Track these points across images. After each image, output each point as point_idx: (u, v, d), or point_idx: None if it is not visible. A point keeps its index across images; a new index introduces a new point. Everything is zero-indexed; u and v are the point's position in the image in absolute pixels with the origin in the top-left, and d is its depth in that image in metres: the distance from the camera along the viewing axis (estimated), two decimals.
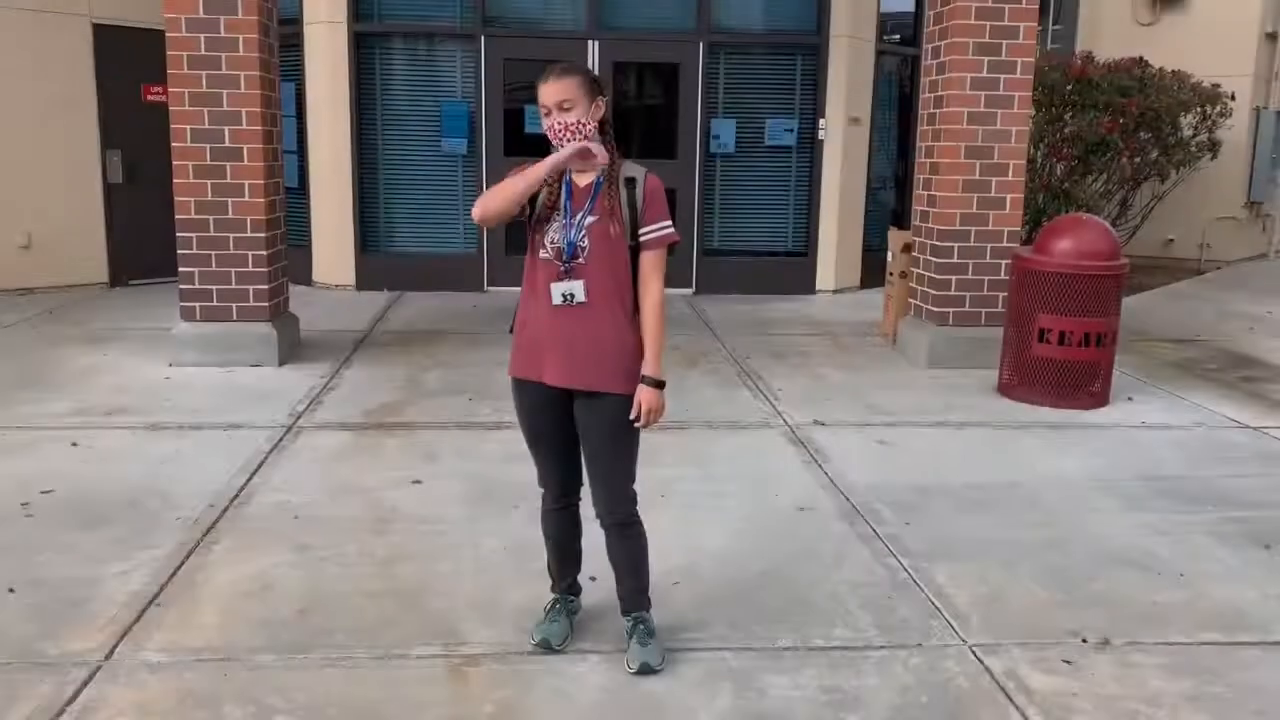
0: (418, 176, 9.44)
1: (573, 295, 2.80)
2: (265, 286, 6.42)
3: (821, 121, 9.45)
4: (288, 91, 9.08)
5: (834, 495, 4.41)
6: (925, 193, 6.95)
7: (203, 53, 6.14)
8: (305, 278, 9.33)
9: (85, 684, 2.84)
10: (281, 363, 6.45)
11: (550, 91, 2.78)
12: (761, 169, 9.65)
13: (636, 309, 2.85)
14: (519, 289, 2.98)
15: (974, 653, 3.13)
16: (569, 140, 2.74)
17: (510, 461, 4.75)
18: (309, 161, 9.32)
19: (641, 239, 2.82)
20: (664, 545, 3.82)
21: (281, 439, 5.02)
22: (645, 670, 2.95)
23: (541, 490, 3.09)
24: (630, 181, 2.83)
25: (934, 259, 6.76)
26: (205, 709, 2.74)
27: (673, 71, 9.37)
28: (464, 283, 9.38)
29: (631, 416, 2.82)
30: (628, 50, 9.30)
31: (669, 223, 2.84)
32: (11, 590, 3.38)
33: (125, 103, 9.09)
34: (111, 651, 3.01)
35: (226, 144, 6.25)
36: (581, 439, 2.92)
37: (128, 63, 9.06)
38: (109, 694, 2.80)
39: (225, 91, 6.20)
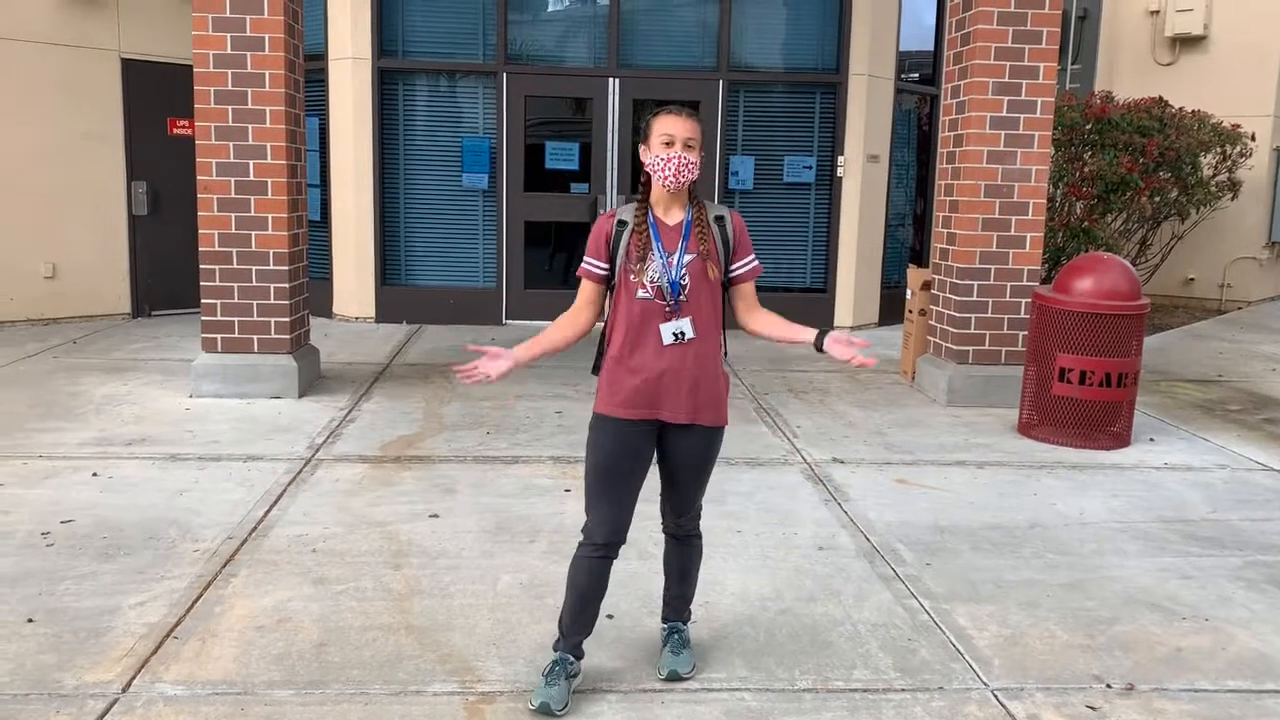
0: (438, 211, 9.51)
1: (683, 333, 2.90)
2: (287, 319, 6.47)
3: (840, 159, 9.49)
4: (311, 126, 9.20)
5: (853, 534, 4.38)
6: (945, 230, 6.96)
7: (229, 88, 6.23)
8: (325, 310, 9.40)
9: (102, 716, 2.83)
10: (301, 395, 6.48)
11: (683, 126, 2.89)
12: (780, 206, 9.68)
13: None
14: (537, 322, 3.03)
15: (996, 697, 3.08)
16: (684, 176, 2.87)
17: (528, 496, 4.75)
18: (331, 195, 9.41)
19: (734, 273, 3.00)
20: None
21: (300, 471, 5.03)
22: (674, 678, 3.08)
23: (582, 537, 3.02)
24: (720, 220, 2.98)
25: (953, 296, 6.75)
26: None
27: (692, 109, 9.40)
28: (483, 316, 9.42)
29: (851, 354, 2.93)
30: (648, 88, 9.38)
31: (754, 257, 3.03)
32: (31, 620, 3.39)
33: (151, 136, 9.23)
34: (129, 684, 3.01)
35: (251, 177, 6.33)
36: (678, 467, 3.04)
37: (155, 97, 9.20)
38: None
39: (250, 126, 6.28)
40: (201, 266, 6.42)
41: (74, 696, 2.93)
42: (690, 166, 2.87)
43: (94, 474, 4.90)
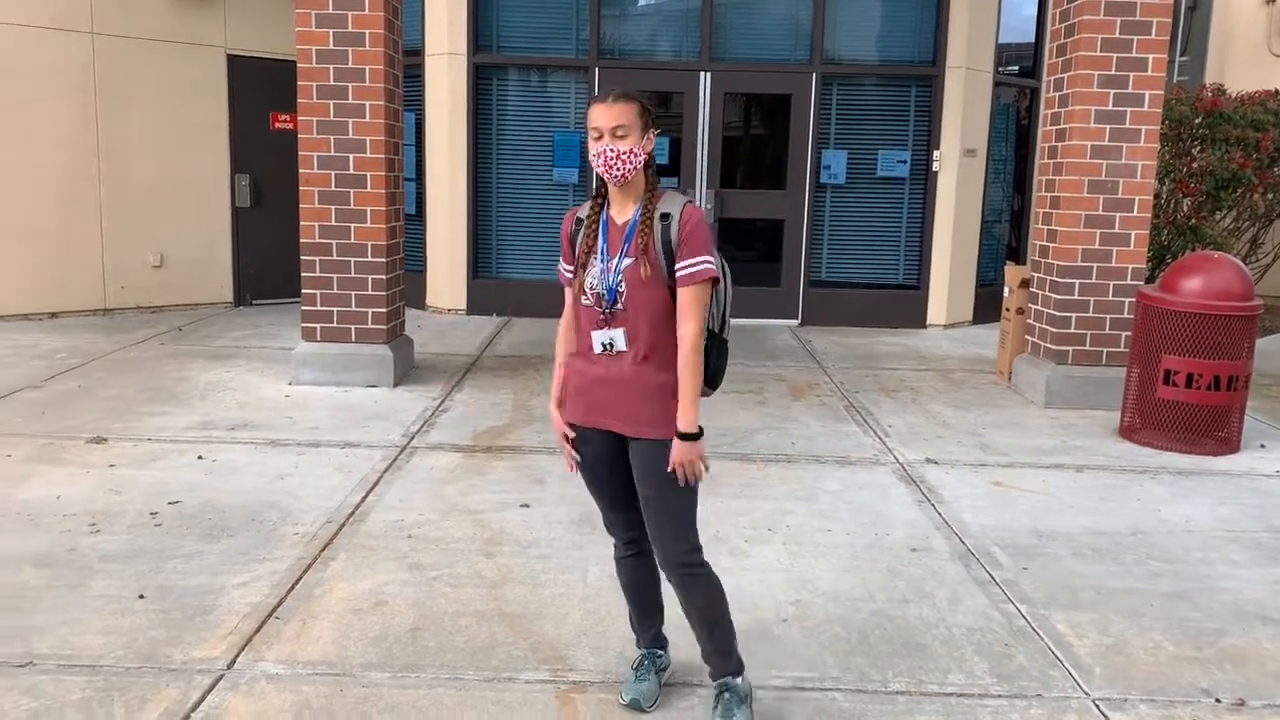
0: (529, 204, 9.61)
1: (612, 344, 2.68)
2: (383, 310, 6.61)
3: (935, 153, 9.31)
4: (408, 121, 9.37)
5: (948, 536, 4.30)
6: (1045, 227, 6.77)
7: (331, 83, 6.38)
8: (419, 301, 9.57)
9: (209, 691, 2.93)
10: (396, 384, 6.61)
11: (606, 115, 2.61)
12: (872, 200, 9.54)
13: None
14: None
15: (1098, 707, 2.99)
16: (617, 169, 2.61)
17: None
18: (426, 189, 9.58)
19: (677, 274, 2.63)
20: (771, 581, 3.79)
21: (395, 459, 5.13)
22: None
23: (611, 537, 2.99)
24: (665, 218, 2.65)
25: (1053, 295, 6.57)
26: None
27: (784, 102, 9.36)
28: None
29: (668, 470, 2.67)
30: (740, 81, 9.33)
31: (705, 258, 2.62)
32: (142, 596, 3.52)
33: (255, 130, 9.50)
34: (233, 661, 3.11)
35: (351, 171, 6.47)
36: (636, 483, 2.77)
37: (258, 92, 9.47)
38: (230, 702, 2.88)
39: (351, 120, 6.42)
40: (302, 258, 6.59)
41: (182, 671, 3.04)
42: (621, 158, 2.59)
43: (199, 457, 5.07)
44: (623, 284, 2.66)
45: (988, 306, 9.70)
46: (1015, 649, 3.33)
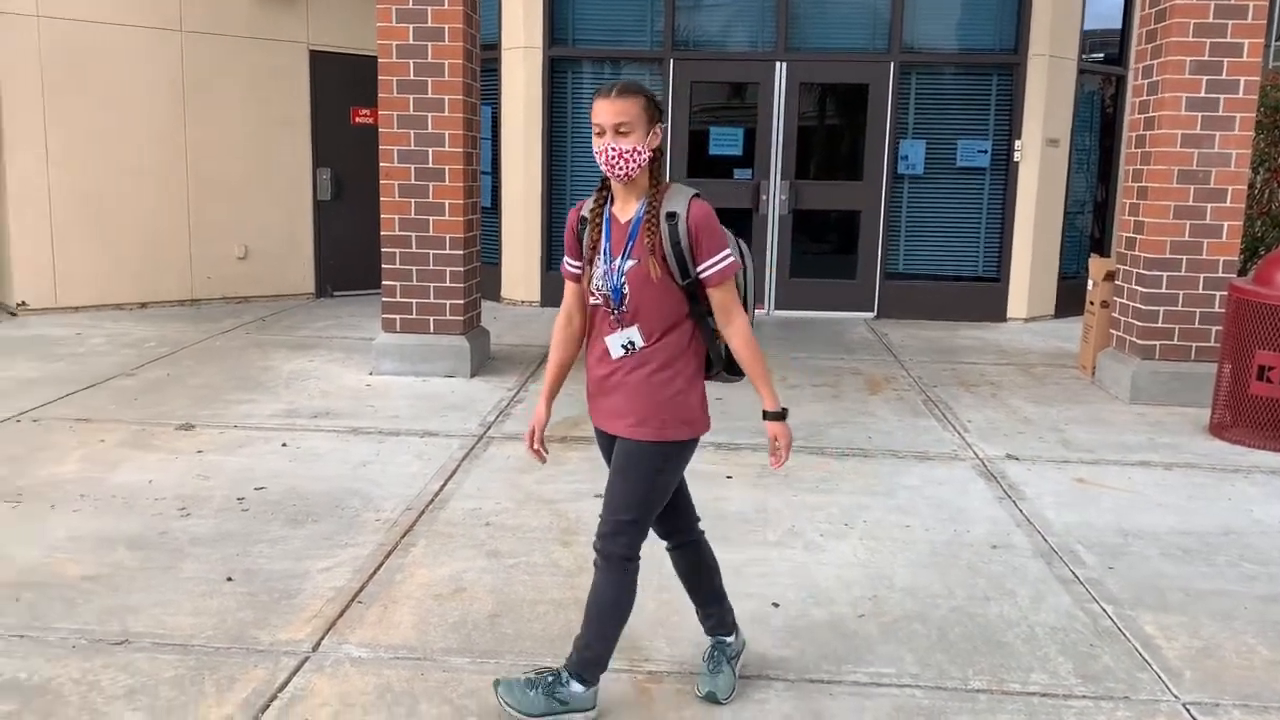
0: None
1: (633, 344, 2.64)
2: (461, 301, 6.69)
3: (1017, 143, 9.11)
4: (484, 114, 9.46)
5: (1029, 534, 4.21)
6: (1131, 218, 6.59)
7: (411, 78, 6.47)
8: (494, 293, 9.67)
9: (294, 673, 3.01)
10: (473, 374, 6.69)
11: (609, 110, 2.54)
12: (951, 191, 9.38)
13: (698, 346, 2.69)
14: None
15: (1189, 711, 2.91)
16: (620, 168, 2.55)
17: (692, 480, 4.73)
18: (501, 182, 9.67)
19: (702, 276, 2.59)
20: (848, 576, 3.76)
21: (473, 448, 5.20)
22: (711, 699, 2.86)
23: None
24: (671, 217, 2.57)
25: (1140, 288, 6.38)
26: (402, 705, 2.85)
27: (861, 92, 9.24)
28: None
29: (770, 461, 2.69)
30: (816, 71, 9.24)
31: (726, 252, 2.59)
32: (230, 579, 3.63)
33: (335, 124, 9.69)
34: (318, 644, 3.18)
35: (430, 165, 6.56)
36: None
37: (339, 87, 9.66)
38: (315, 684, 2.95)
39: (430, 115, 6.51)
40: (383, 250, 6.71)
41: (269, 652, 3.12)
42: (624, 156, 2.52)
43: (283, 444, 5.19)
44: (626, 285, 2.60)
45: (1070, 299, 9.48)
46: (1101, 650, 3.25)
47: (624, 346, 2.65)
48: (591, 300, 2.70)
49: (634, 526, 2.68)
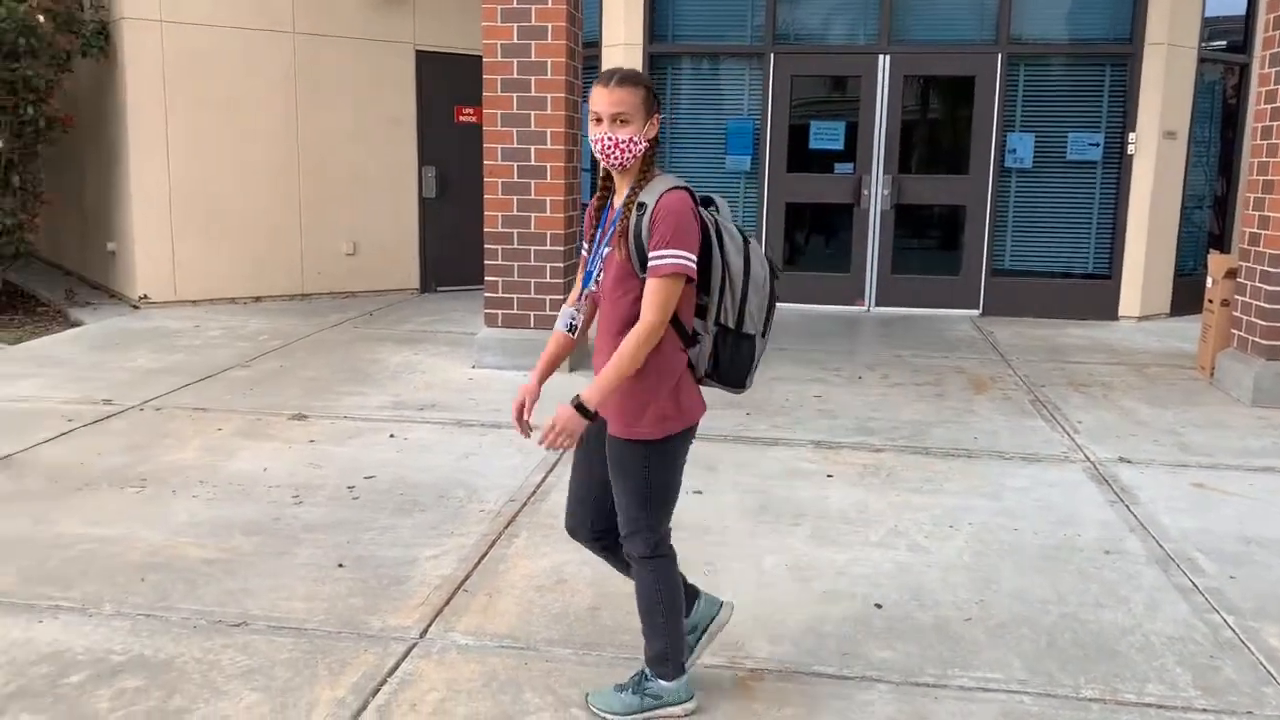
0: (699, 192, 9.60)
1: (573, 324, 2.74)
2: (560, 297, 6.76)
3: (1131, 135, 8.80)
4: (584, 111, 9.53)
5: (1144, 539, 4.07)
6: (1256, 213, 6.30)
7: (515, 76, 6.56)
8: None
9: (403, 658, 3.09)
10: (572, 369, 6.75)
11: (607, 99, 2.51)
12: (1061, 185, 9.11)
13: (673, 345, 2.61)
14: (793, 305, 2.89)
15: None
16: (615, 157, 2.54)
17: (790, 478, 4.74)
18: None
19: (648, 265, 2.51)
20: (953, 579, 3.69)
21: None
22: (592, 706, 2.80)
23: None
24: (641, 207, 2.53)
25: (1264, 286, 6.11)
26: (507, 694, 2.90)
27: (967, 84, 9.04)
28: None
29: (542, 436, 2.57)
30: (920, 64, 9.07)
31: (671, 251, 2.47)
32: (341, 565, 3.74)
33: (440, 123, 9.89)
34: (425, 630, 3.26)
35: (531, 162, 6.64)
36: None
37: (444, 86, 9.84)
38: (424, 669, 3.02)
39: (533, 113, 6.59)
40: (486, 246, 6.82)
41: (379, 638, 3.21)
42: (620, 146, 2.51)
43: (391, 435, 5.32)
44: (601, 271, 2.64)
45: (1187, 298, 9.12)
46: (1222, 661, 3.13)
47: (567, 324, 2.75)
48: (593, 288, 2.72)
49: (644, 526, 2.68)
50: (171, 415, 5.60)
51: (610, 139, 2.52)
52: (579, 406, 2.51)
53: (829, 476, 4.77)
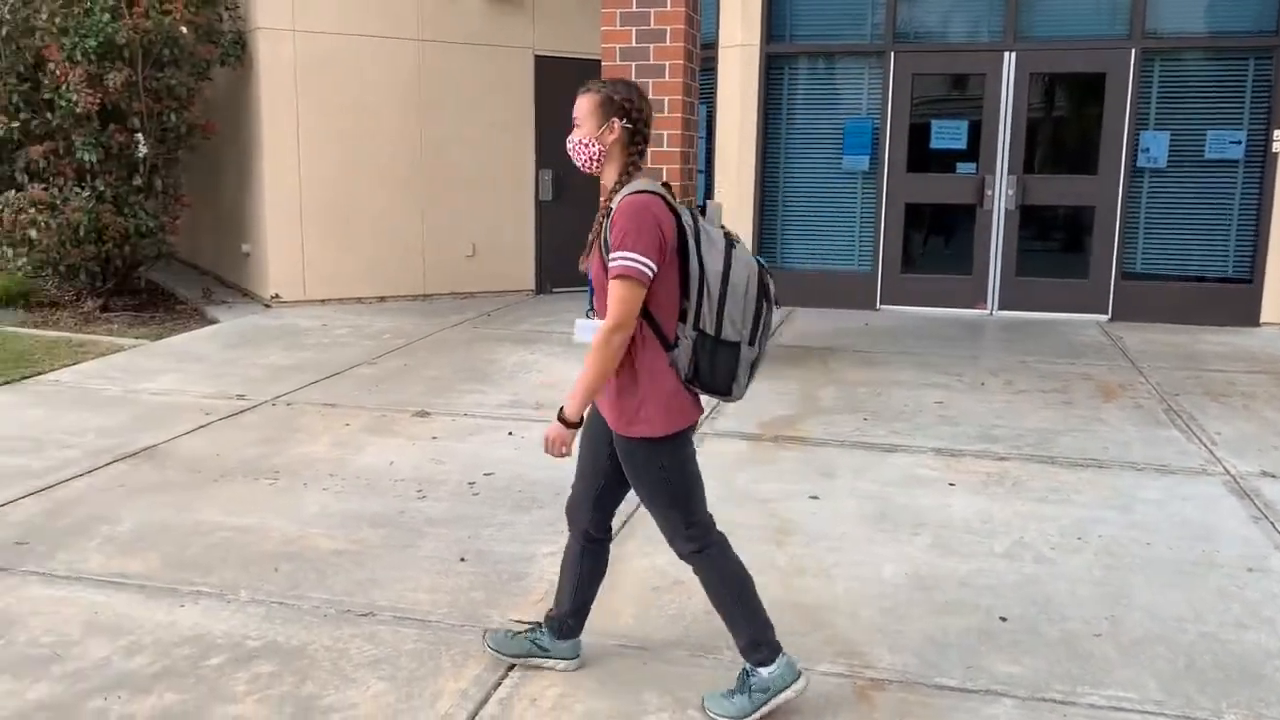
0: (817, 194, 9.53)
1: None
2: None
3: (1276, 133, 8.35)
4: (700, 113, 9.54)
5: None
6: None
7: (633, 79, 6.59)
8: None
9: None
10: None
11: (575, 107, 2.74)
12: (1198, 185, 8.70)
13: (650, 348, 2.64)
14: (913, 309, 2.84)
15: None
16: (576, 158, 2.73)
17: (909, 486, 4.65)
18: (714, 180, 9.73)
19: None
20: (1081, 593, 3.57)
21: None
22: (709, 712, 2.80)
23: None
24: (609, 213, 2.62)
25: None
26: (627, 693, 2.92)
27: (1097, 81, 8.72)
28: (856, 300, 9.33)
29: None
30: (1048, 61, 8.79)
31: (622, 254, 2.53)
32: (463, 559, 3.82)
33: (558, 126, 10.01)
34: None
35: (648, 164, 6.67)
36: None
37: (561, 90, 9.96)
38: (543, 665, 3.06)
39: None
40: None
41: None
42: (575, 148, 2.70)
43: (509, 433, 5.42)
44: (592, 280, 2.74)
45: None
46: None
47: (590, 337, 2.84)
48: None
49: (679, 523, 2.75)
50: (302, 410, 5.82)
51: (570, 141, 2.72)
52: (562, 419, 2.66)
53: (951, 485, 4.66)
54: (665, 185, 2.70)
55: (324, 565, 3.76)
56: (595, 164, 2.70)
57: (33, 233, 8.03)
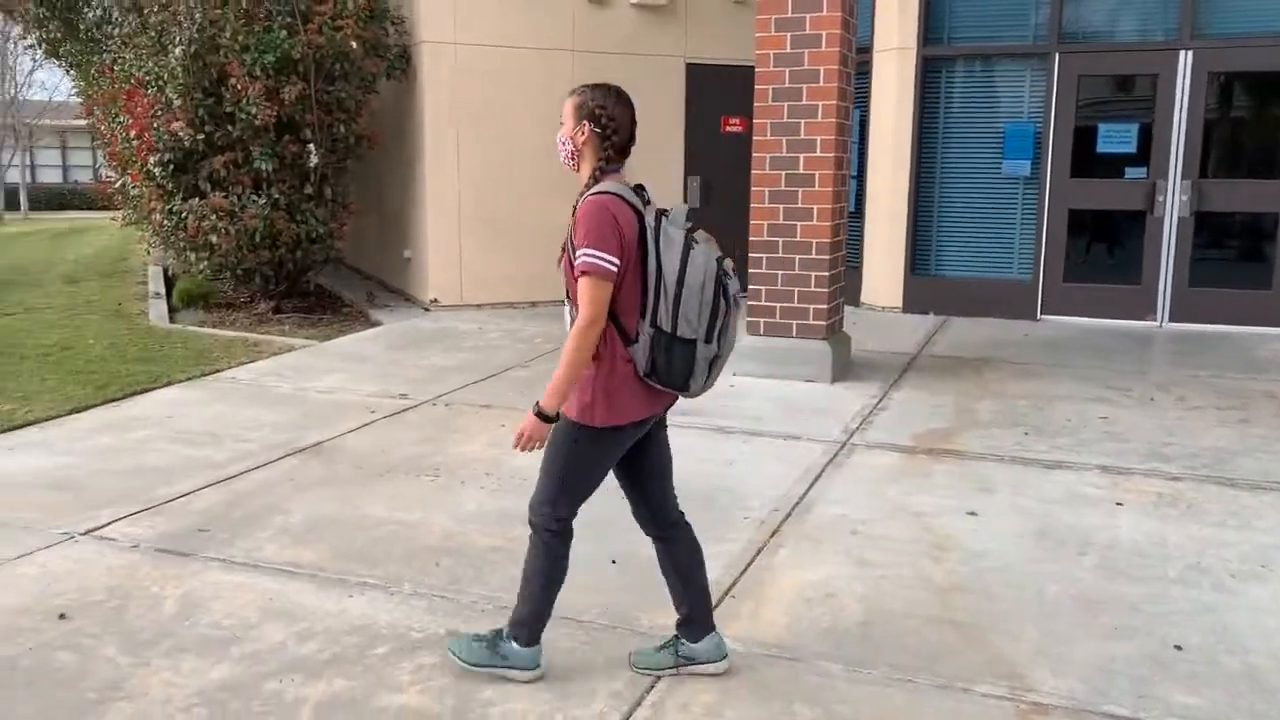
0: (974, 199, 9.25)
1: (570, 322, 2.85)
2: (824, 306, 6.70)
3: None
4: (853, 118, 9.41)
5: None
6: None
7: (786, 85, 6.57)
8: (853, 298, 9.58)
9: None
10: (833, 380, 6.68)
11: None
12: None
13: (611, 342, 2.76)
14: (1074, 319, 2.75)
15: None
16: (559, 152, 2.86)
17: (1074, 504, 4.46)
18: (866, 186, 9.57)
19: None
20: (1267, 624, 3.36)
21: (836, 454, 5.19)
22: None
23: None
24: (575, 211, 2.75)
25: None
26: (778, 703, 2.90)
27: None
28: (1014, 310, 9.01)
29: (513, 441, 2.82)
30: (1228, 59, 8.30)
31: (582, 250, 2.66)
32: (613, 562, 3.87)
33: (706, 133, 10.06)
34: None
35: (800, 171, 6.62)
36: None
37: (711, 96, 10.01)
38: (695, 671, 3.07)
39: (803, 121, 6.57)
40: (750, 254, 6.86)
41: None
42: (559, 146, 2.86)
43: None
44: (563, 273, 2.85)
45: None
46: None
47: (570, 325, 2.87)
48: None
49: (548, 501, 2.89)
50: (460, 410, 6.01)
51: (557, 138, 2.88)
52: (539, 414, 2.77)
53: (1118, 504, 4.44)
54: (638, 187, 2.81)
55: (481, 561, 3.87)
56: (571, 162, 2.86)
57: (213, 238, 8.57)
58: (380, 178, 10.58)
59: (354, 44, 8.78)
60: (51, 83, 34.95)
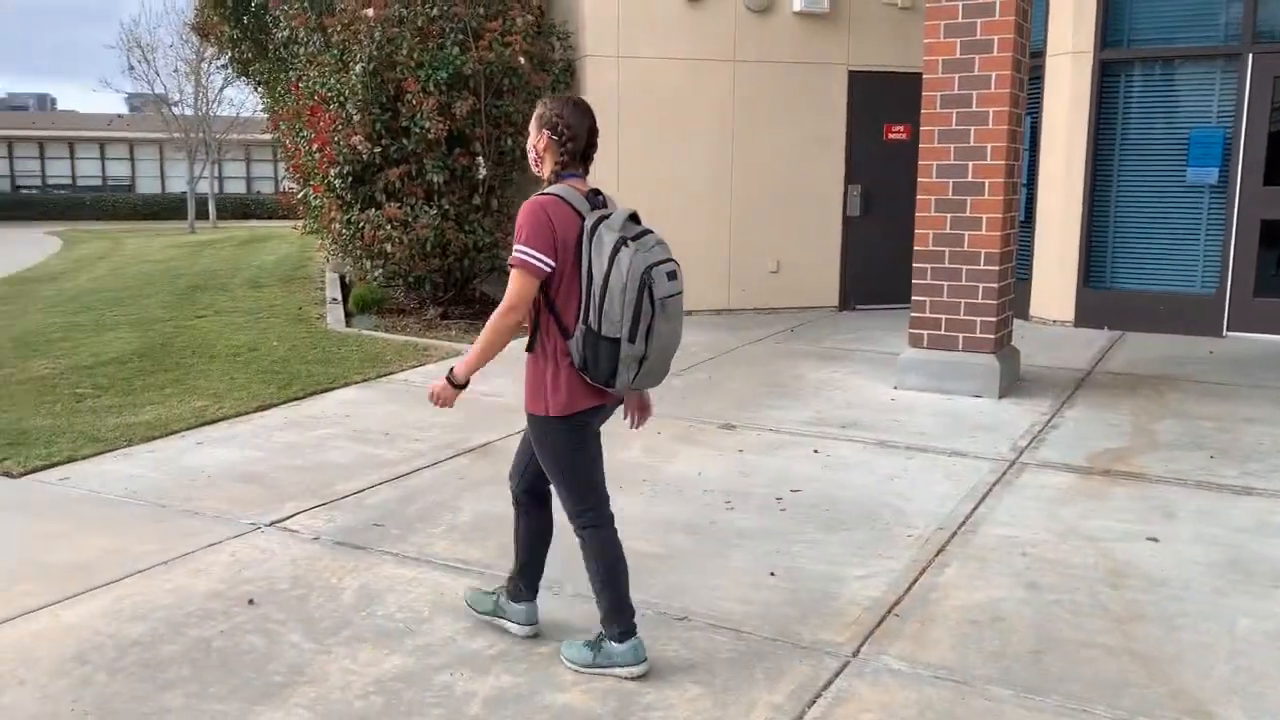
0: (1154, 209, 8.78)
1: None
2: (993, 319, 6.48)
3: None
4: (1025, 125, 9.08)
5: None
6: None
7: (955, 92, 6.40)
8: (1022, 311, 9.24)
9: (837, 674, 3.11)
10: (1001, 395, 6.45)
11: None
12: None
13: (553, 336, 2.98)
14: (1267, 335, 2.58)
15: None
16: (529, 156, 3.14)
17: (1267, 533, 4.18)
18: (1037, 194, 9.21)
19: None
20: None
21: (1005, 473, 5.01)
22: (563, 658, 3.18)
23: None
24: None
25: None
26: None
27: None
28: (1197, 325, 8.50)
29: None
30: None
31: (518, 246, 2.89)
32: (772, 574, 3.85)
33: (868, 141, 9.89)
34: (857, 650, 3.26)
35: (969, 179, 6.44)
36: None
37: (873, 104, 9.84)
38: (857, 689, 3.03)
39: (972, 128, 6.39)
40: (914, 265, 6.71)
41: (811, 650, 3.26)
42: (528, 151, 3.11)
43: (814, 450, 5.40)
44: None
45: None
46: None
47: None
48: None
49: (567, 499, 3.10)
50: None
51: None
52: (449, 379, 3.04)
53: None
54: (593, 192, 3.03)
55: (640, 567, 3.90)
56: (536, 166, 3.09)
57: (388, 247, 8.96)
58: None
59: (522, 59, 9.04)
60: (238, 99, 37.29)
